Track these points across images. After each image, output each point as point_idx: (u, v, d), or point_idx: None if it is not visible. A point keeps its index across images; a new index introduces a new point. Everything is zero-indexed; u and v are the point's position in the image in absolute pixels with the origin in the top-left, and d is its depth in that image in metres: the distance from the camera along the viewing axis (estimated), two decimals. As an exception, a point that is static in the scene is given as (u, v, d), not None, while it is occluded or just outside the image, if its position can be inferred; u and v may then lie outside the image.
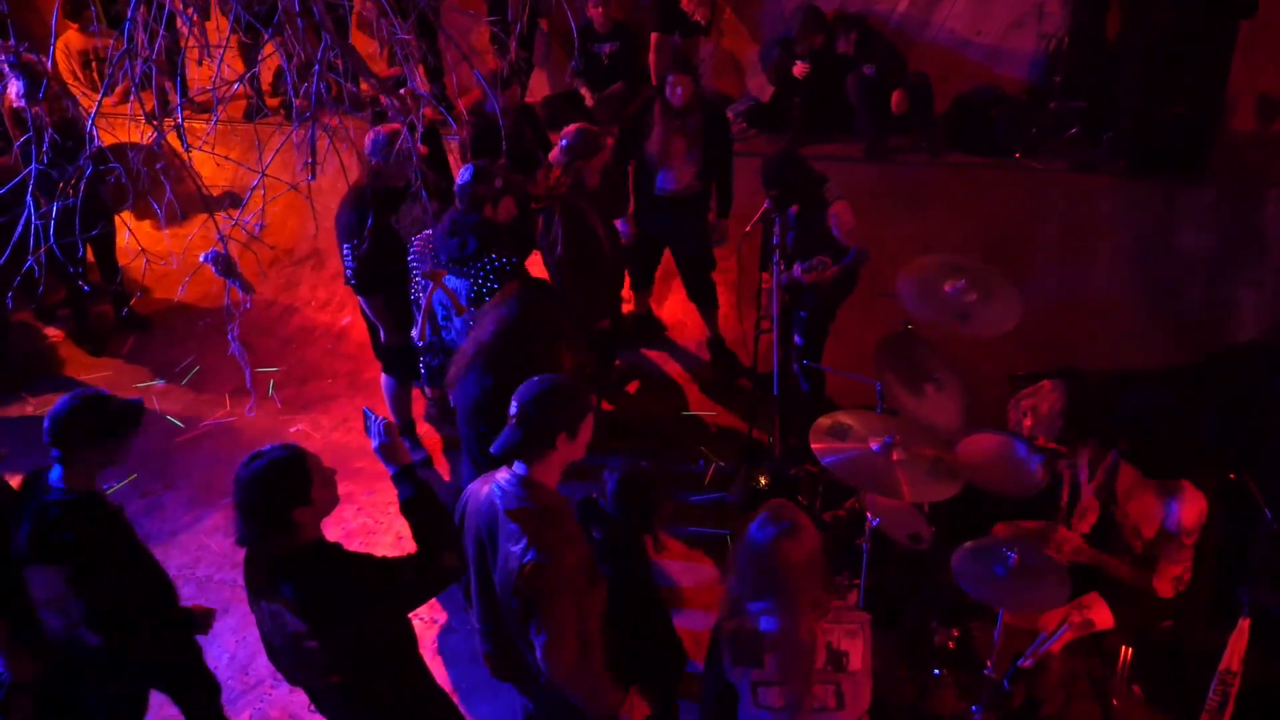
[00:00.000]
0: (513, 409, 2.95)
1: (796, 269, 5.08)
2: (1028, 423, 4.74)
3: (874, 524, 4.03)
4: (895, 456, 3.70)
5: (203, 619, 3.78)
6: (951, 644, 4.09)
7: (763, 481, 5.41)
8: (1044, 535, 3.99)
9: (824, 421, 3.95)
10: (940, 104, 7.65)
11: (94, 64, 8.44)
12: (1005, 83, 7.75)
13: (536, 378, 2.99)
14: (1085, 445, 4.07)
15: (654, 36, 7.86)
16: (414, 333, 4.94)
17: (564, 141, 5.30)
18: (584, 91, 7.90)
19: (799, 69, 7.45)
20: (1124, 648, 3.90)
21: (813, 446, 3.85)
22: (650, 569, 3.48)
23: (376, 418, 3.05)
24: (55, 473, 3.27)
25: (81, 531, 3.24)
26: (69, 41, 8.13)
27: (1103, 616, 3.78)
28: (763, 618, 2.76)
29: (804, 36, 7.51)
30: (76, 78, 8.16)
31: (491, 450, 2.98)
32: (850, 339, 5.70)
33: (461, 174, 4.76)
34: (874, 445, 3.75)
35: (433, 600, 4.10)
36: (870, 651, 2.80)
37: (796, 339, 5.65)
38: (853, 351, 5.58)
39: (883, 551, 4.25)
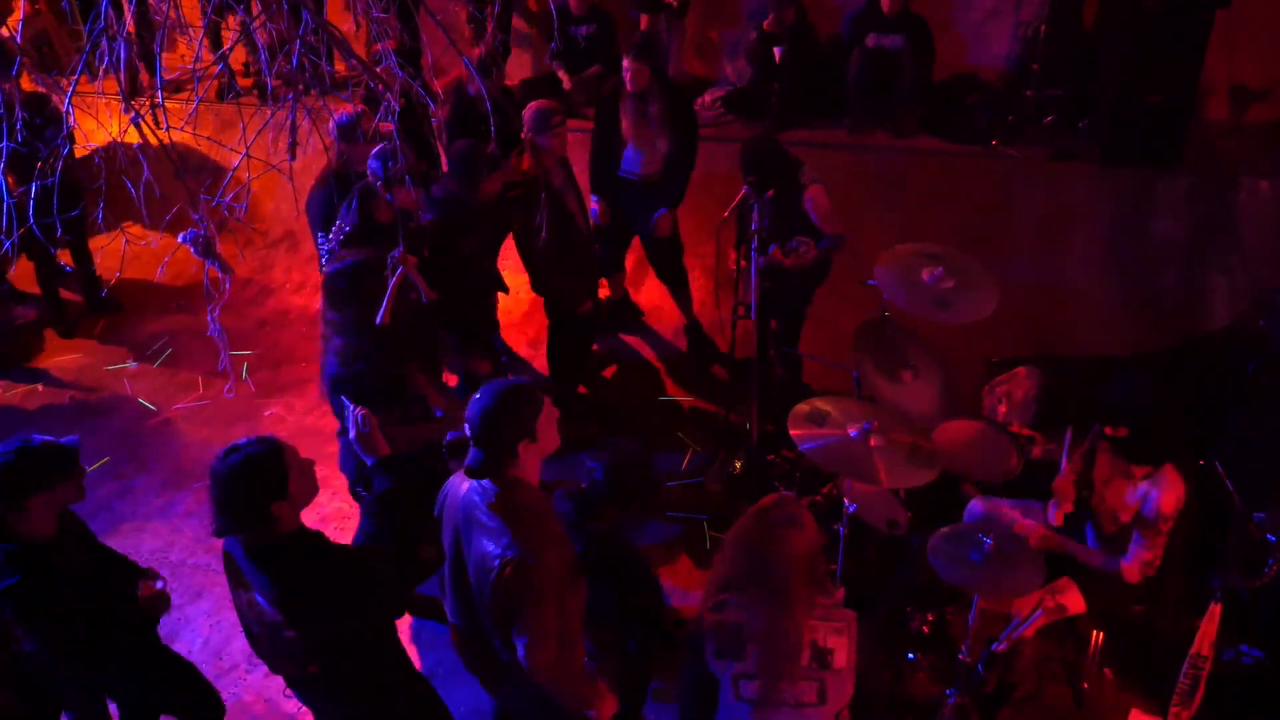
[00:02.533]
0: (466, 430, 2.91)
1: (773, 250, 5.09)
2: (1002, 409, 4.79)
3: (851, 509, 4.05)
4: (873, 442, 3.72)
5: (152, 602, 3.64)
6: (926, 628, 4.13)
7: (738, 466, 5.42)
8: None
9: (802, 408, 3.97)
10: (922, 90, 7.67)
11: (45, 47, 8.35)
12: (982, 70, 7.78)
13: (479, 394, 2.92)
14: (1060, 431, 4.11)
15: (643, 18, 7.84)
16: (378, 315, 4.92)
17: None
18: (561, 74, 7.85)
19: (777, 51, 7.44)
20: (1095, 632, 3.95)
21: (791, 432, 3.87)
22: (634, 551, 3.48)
23: (354, 408, 3.02)
24: None
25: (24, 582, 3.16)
26: (19, 23, 8.03)
27: (1075, 601, 3.82)
28: (749, 611, 2.76)
29: (777, 11, 7.50)
30: (31, 59, 8.05)
31: (464, 468, 2.95)
32: (828, 326, 5.72)
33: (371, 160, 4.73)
34: (852, 431, 3.76)
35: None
36: (855, 649, 2.81)
37: (773, 325, 5.66)
38: (831, 338, 5.60)
39: (860, 537, 4.28)
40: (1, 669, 3.51)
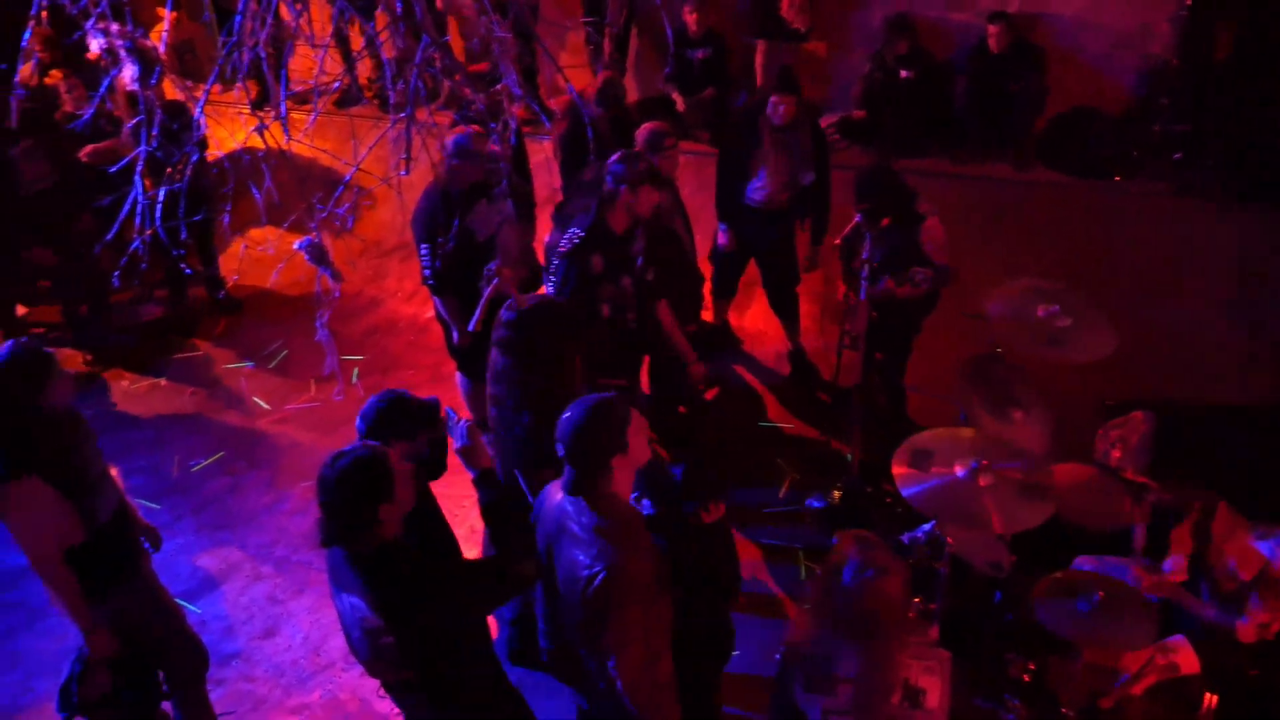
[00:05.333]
0: (559, 450, 2.93)
1: (886, 281, 5.00)
2: (1116, 454, 4.60)
3: (952, 548, 3.94)
4: (982, 482, 3.61)
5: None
6: (1027, 676, 3.98)
7: (837, 496, 5.34)
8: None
9: (906, 448, 3.87)
10: (1040, 121, 7.51)
11: (188, 55, 8.74)
12: (1107, 103, 7.56)
13: (569, 412, 2.94)
14: (1178, 481, 3.94)
15: (761, 44, 7.86)
16: (469, 324, 4.96)
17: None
18: (675, 96, 7.90)
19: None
20: (1208, 694, 3.76)
21: (895, 475, 3.79)
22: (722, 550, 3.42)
23: (459, 420, 3.06)
24: None
25: None
26: (163, 32, 8.43)
27: (1188, 661, 3.65)
28: (841, 649, 2.70)
29: (889, 44, 7.48)
30: (173, 68, 8.44)
31: (561, 489, 2.99)
32: (935, 358, 5.60)
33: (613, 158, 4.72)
34: (960, 471, 3.65)
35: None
36: (949, 691, 2.73)
37: (878, 356, 5.57)
38: (937, 371, 5.49)
39: (961, 577, 4.15)
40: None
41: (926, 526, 4.34)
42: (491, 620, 4.06)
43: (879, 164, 5.49)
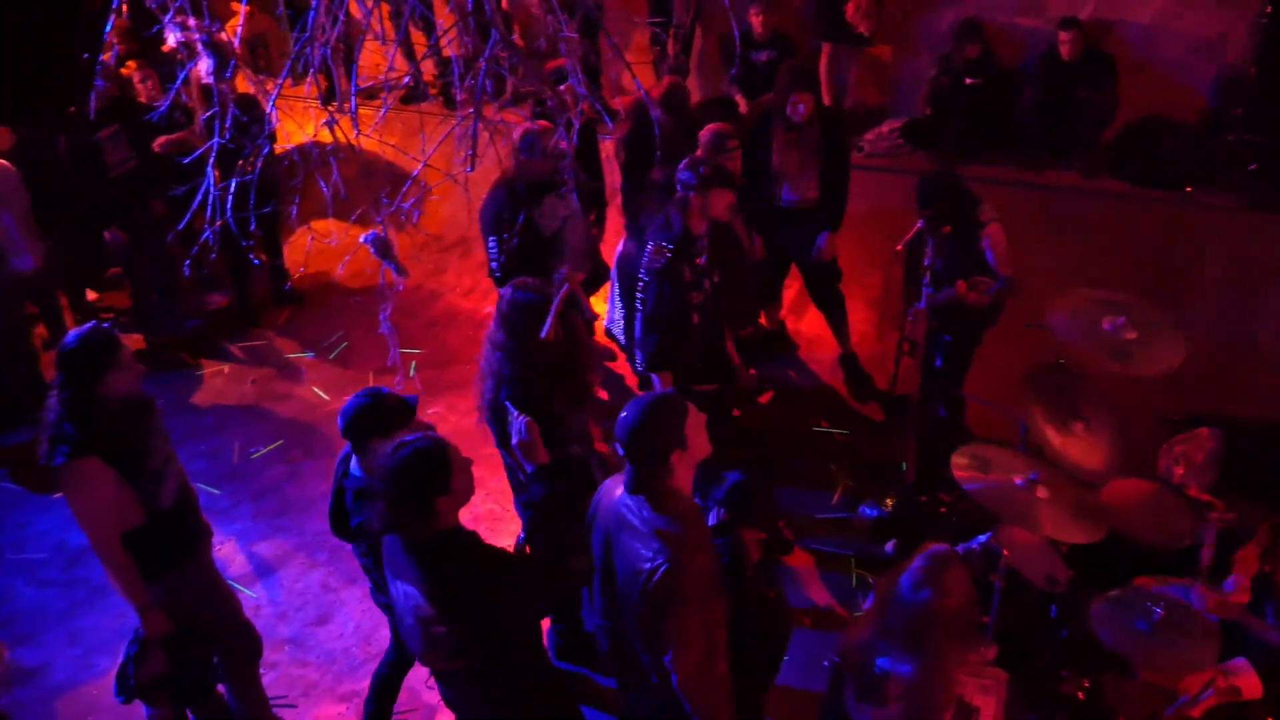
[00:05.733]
0: (618, 449, 2.97)
1: (958, 285, 4.94)
2: (1179, 471, 4.51)
3: (1007, 561, 3.89)
4: (1040, 494, 3.56)
5: None
6: (1081, 694, 3.91)
7: (890, 505, 5.29)
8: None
9: (965, 452, 3.84)
10: (1110, 130, 7.37)
11: (260, 49, 8.89)
12: (1180, 112, 7.40)
13: (625, 411, 2.98)
14: (1244, 500, 3.85)
15: (826, 48, 7.82)
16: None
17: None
18: (739, 98, 7.88)
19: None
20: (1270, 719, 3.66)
21: (954, 471, 3.75)
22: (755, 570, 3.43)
23: (518, 415, 3.08)
24: (354, 461, 3.69)
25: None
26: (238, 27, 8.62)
27: (1251, 685, 3.55)
28: (895, 661, 2.68)
29: (958, 49, 7.41)
30: (245, 62, 8.62)
31: (624, 488, 3.02)
32: (995, 369, 5.52)
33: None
34: (1017, 480, 3.61)
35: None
36: (1003, 711, 2.70)
37: (938, 363, 5.50)
38: (996, 381, 5.41)
39: (1016, 591, 4.10)
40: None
41: (982, 538, 4.28)
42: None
43: (942, 169, 5.42)
